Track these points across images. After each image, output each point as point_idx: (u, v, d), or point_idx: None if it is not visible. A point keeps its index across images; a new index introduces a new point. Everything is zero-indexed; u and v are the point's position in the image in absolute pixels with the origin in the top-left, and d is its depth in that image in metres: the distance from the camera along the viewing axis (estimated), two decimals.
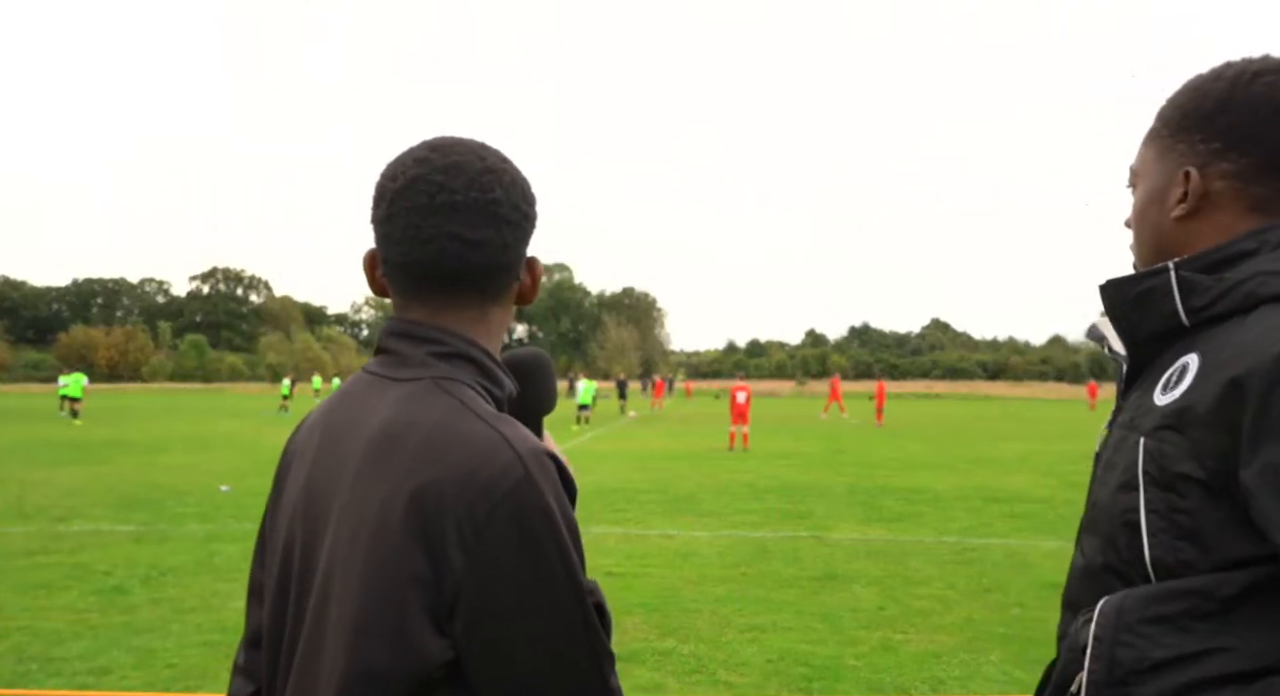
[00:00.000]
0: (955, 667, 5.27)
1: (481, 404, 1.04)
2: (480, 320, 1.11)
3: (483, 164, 1.08)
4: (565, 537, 0.97)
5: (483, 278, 1.09)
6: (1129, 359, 1.15)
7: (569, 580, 0.97)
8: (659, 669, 5.18)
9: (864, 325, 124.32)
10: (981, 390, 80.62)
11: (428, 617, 0.94)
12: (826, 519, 10.52)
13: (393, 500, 0.96)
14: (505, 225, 1.08)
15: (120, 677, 4.97)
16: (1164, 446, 1.00)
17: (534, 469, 0.97)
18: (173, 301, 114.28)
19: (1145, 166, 1.18)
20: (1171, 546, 0.98)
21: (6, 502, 11.26)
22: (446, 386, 1.04)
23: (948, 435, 26.13)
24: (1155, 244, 1.16)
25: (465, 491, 0.95)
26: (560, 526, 0.97)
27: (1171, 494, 0.98)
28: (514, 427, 1.01)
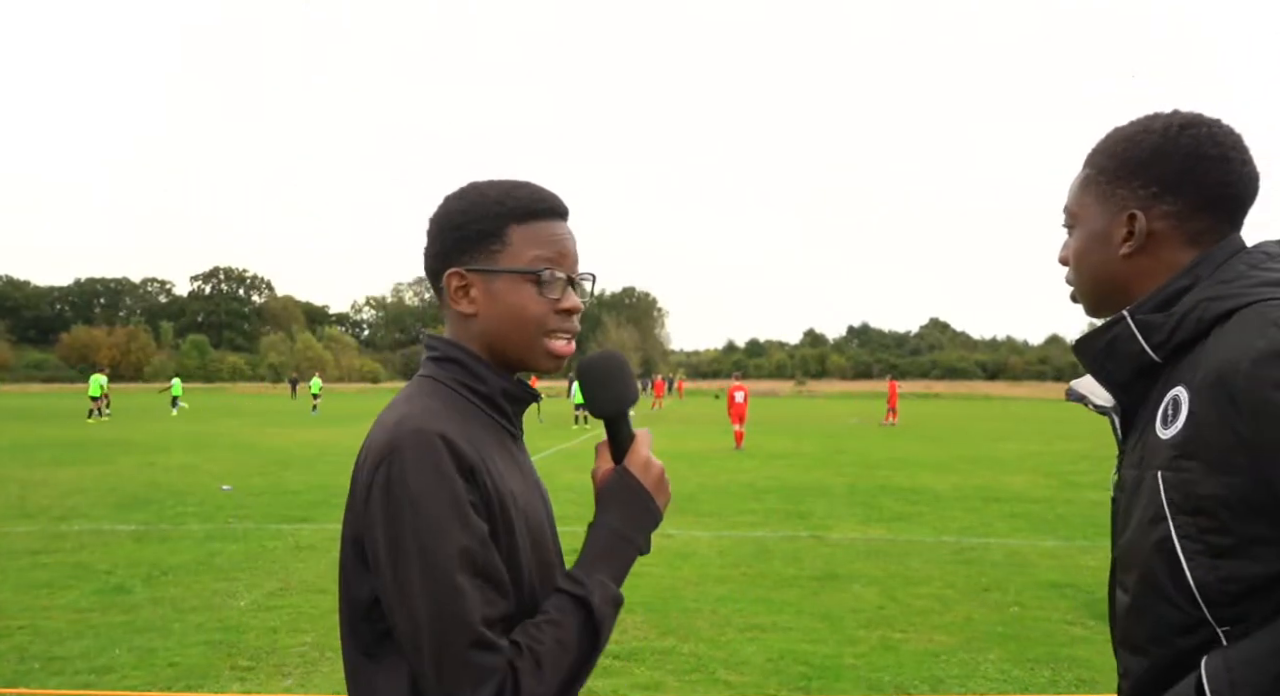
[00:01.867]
0: (954, 666, 5.29)
1: (424, 396, 1.24)
2: (458, 325, 1.31)
3: (446, 195, 1.35)
4: (420, 502, 1.12)
5: (431, 284, 1.35)
6: (1120, 403, 1.26)
7: (415, 541, 1.12)
8: (659, 668, 5.19)
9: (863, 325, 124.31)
10: (980, 390, 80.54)
11: (359, 575, 1.20)
12: (826, 519, 10.53)
13: (353, 481, 1.22)
14: (426, 240, 1.33)
15: (121, 677, 4.98)
16: (1182, 474, 1.08)
17: (405, 445, 1.14)
18: (175, 301, 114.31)
19: (1084, 210, 1.30)
20: (1211, 566, 1.05)
21: (8, 502, 11.28)
22: (417, 384, 1.29)
23: (947, 435, 26.12)
24: (1103, 279, 1.28)
25: (368, 465, 1.18)
26: (419, 496, 1.13)
27: (1200, 517, 1.06)
28: (418, 411, 1.19)
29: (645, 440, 1.35)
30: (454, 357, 1.29)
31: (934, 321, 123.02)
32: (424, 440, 1.14)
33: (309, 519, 10.16)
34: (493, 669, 1.10)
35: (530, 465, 1.38)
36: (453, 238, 1.30)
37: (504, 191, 1.30)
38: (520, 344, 1.30)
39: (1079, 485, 13.95)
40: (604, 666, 5.18)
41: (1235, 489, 1.03)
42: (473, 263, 1.28)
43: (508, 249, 1.28)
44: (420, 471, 1.13)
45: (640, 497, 1.31)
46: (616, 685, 4.89)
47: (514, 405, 1.34)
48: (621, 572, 1.27)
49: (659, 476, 1.34)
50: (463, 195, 1.33)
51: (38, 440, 21.15)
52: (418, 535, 1.12)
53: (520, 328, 1.28)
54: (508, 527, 1.21)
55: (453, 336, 1.32)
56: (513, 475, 1.27)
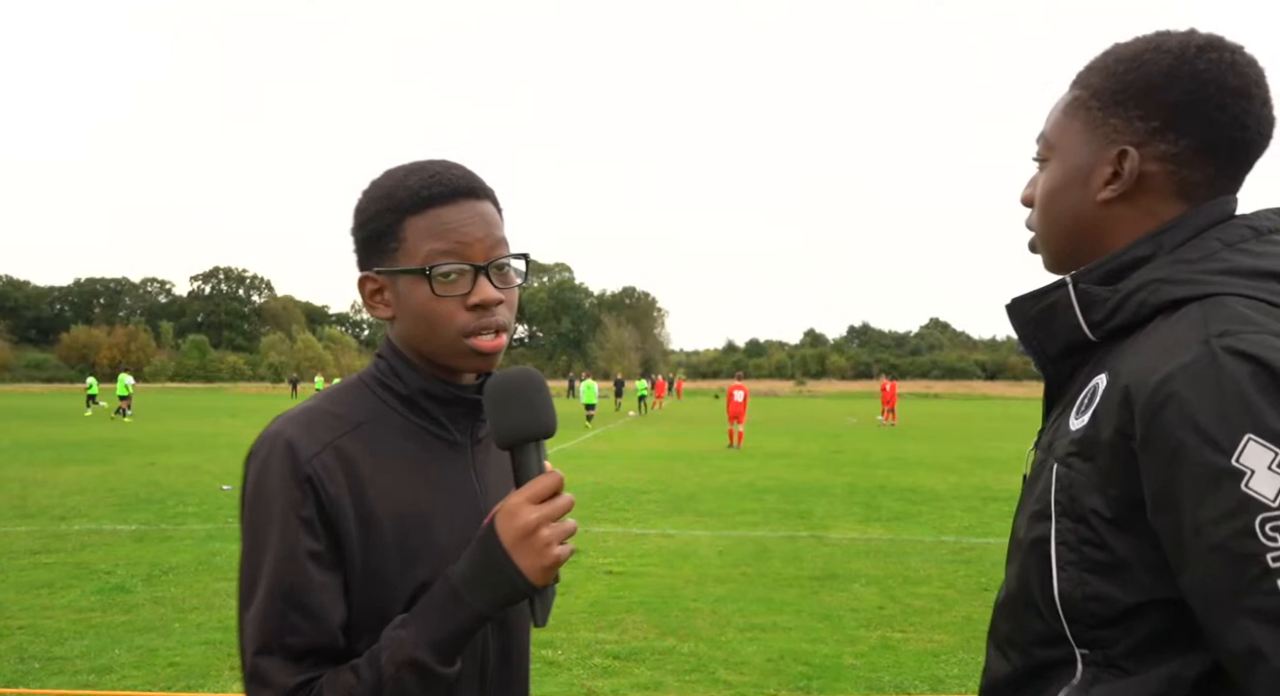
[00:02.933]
0: (954, 666, 5.29)
1: (321, 397, 1.20)
2: (391, 325, 1.23)
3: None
4: (248, 514, 1.10)
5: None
6: (1046, 377, 1.09)
7: (249, 544, 1.10)
8: (659, 668, 5.19)
9: (863, 325, 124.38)
10: (980, 389, 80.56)
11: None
12: (826, 518, 10.53)
13: None
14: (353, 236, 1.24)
15: (122, 677, 4.98)
16: (1073, 474, 0.95)
17: (257, 448, 1.12)
18: (175, 301, 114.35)
19: (1065, 140, 1.07)
20: (1080, 580, 0.94)
21: (9, 502, 11.28)
22: (343, 381, 1.25)
23: (947, 435, 26.12)
24: (1071, 226, 1.06)
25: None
26: (250, 503, 1.10)
27: (1080, 525, 0.94)
28: (295, 413, 1.15)
29: (533, 487, 1.07)
30: (382, 355, 1.24)
31: (934, 321, 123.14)
32: (271, 444, 1.11)
33: None
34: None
35: (472, 477, 1.21)
36: (357, 240, 1.21)
37: (396, 181, 1.18)
38: (437, 346, 1.16)
39: None
40: (604, 666, 5.18)
41: (1115, 506, 0.91)
42: (379, 264, 1.18)
43: (403, 246, 1.15)
44: (259, 476, 1.10)
45: (494, 555, 1.05)
46: (616, 685, 4.89)
47: (444, 407, 1.20)
48: (442, 634, 1.04)
49: (525, 530, 1.04)
50: (366, 191, 1.22)
51: (38, 440, 21.15)
52: (243, 542, 1.11)
53: (431, 329, 1.15)
54: (372, 547, 1.10)
55: (393, 334, 1.24)
56: (422, 488, 1.15)
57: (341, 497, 1.09)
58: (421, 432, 1.19)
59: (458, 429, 1.22)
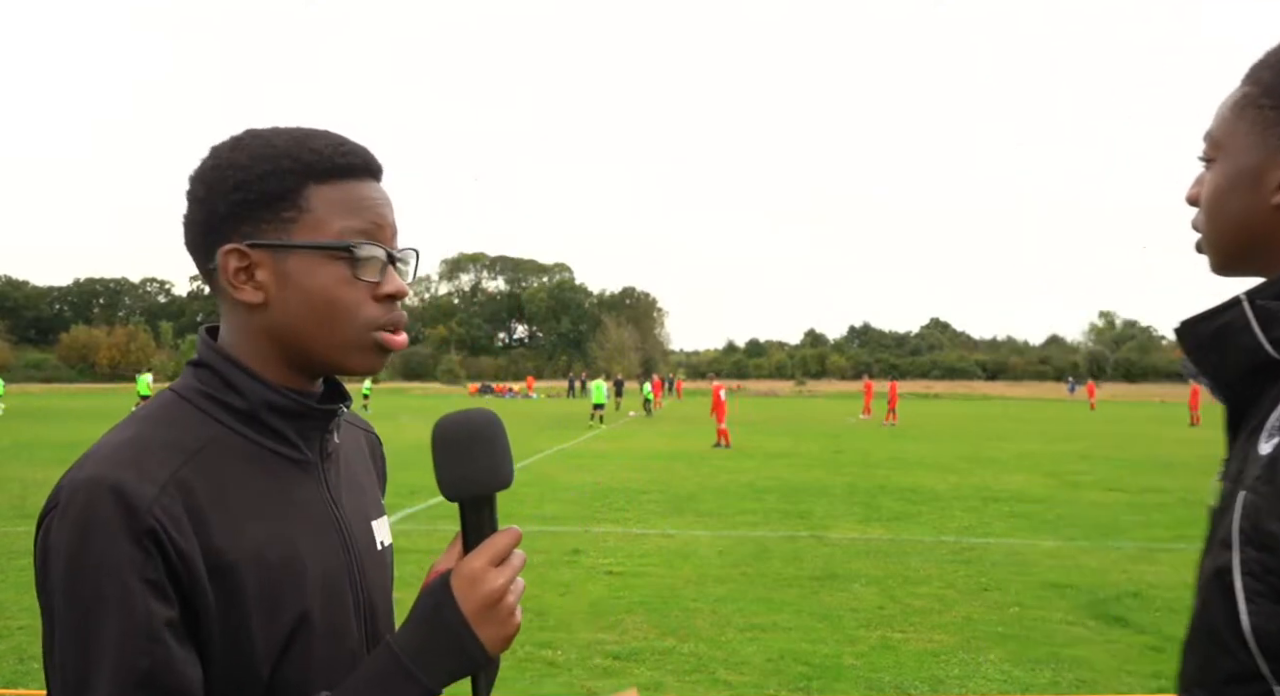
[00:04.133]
0: (954, 666, 5.29)
1: (137, 423, 0.98)
2: (236, 317, 1.02)
3: (213, 147, 1.03)
4: (86, 580, 0.88)
5: (197, 260, 1.04)
6: (1226, 402, 1.02)
7: (73, 627, 0.88)
8: (659, 668, 5.19)
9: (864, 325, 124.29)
10: (980, 390, 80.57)
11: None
12: (826, 518, 10.53)
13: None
14: (193, 203, 1.01)
15: None
16: (1259, 500, 0.89)
17: (69, 498, 0.90)
18: (174, 301, 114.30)
19: (1234, 140, 0.99)
20: (1273, 612, 0.87)
21: (9, 502, 11.29)
22: (156, 399, 1.02)
23: (947, 435, 26.13)
24: (1242, 230, 0.99)
25: (43, 511, 0.95)
26: (56, 567, 0.91)
27: (1266, 553, 0.87)
28: (110, 451, 0.94)
29: (493, 545, 0.95)
30: (205, 361, 1.00)
31: (934, 321, 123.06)
32: (89, 494, 0.88)
33: None
34: None
35: (328, 499, 1.04)
36: (229, 202, 0.97)
37: (296, 140, 0.99)
38: (329, 340, 0.99)
39: (1079, 485, 13.95)
40: (604, 666, 5.18)
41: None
42: (258, 235, 0.97)
43: (305, 216, 0.97)
44: (78, 538, 0.88)
45: (450, 624, 0.92)
46: (616, 685, 4.89)
47: (293, 422, 1.00)
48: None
49: (488, 598, 0.93)
50: (239, 145, 1.00)
51: (38, 440, 21.15)
52: (60, 626, 0.88)
53: (328, 319, 0.98)
54: (231, 601, 0.91)
55: (225, 332, 1.03)
56: (278, 520, 0.97)
57: (191, 548, 0.89)
58: (265, 454, 0.99)
59: (307, 445, 1.02)
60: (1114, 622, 6.18)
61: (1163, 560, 8.29)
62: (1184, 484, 14.02)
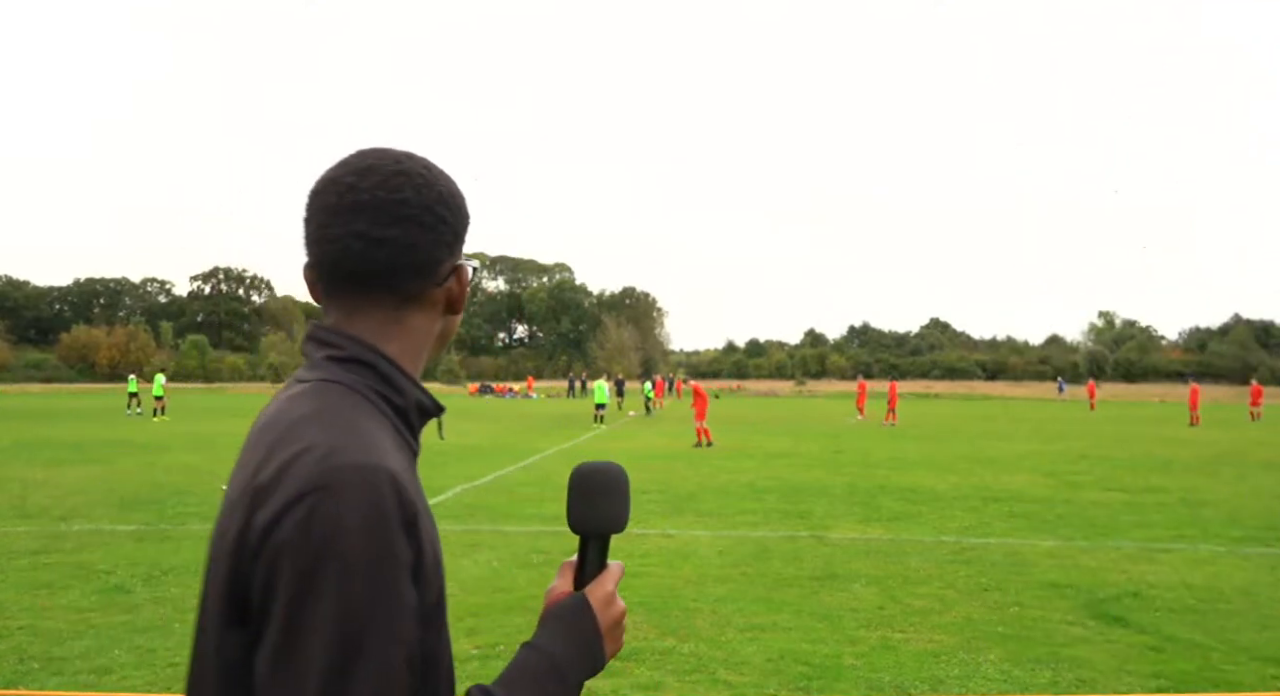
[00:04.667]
0: (954, 666, 5.29)
1: (346, 412, 1.01)
2: (394, 324, 1.09)
3: (397, 167, 1.08)
4: (354, 562, 0.90)
5: (391, 277, 1.07)
6: None
7: (336, 609, 0.89)
8: (659, 668, 5.19)
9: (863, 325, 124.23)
10: (980, 390, 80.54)
11: (228, 624, 0.95)
12: (826, 518, 10.54)
13: (242, 493, 1.00)
14: (414, 226, 1.06)
15: (122, 677, 4.99)
16: None
17: (341, 480, 0.92)
18: (174, 301, 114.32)
19: None
20: None
21: (9, 502, 11.29)
22: (324, 390, 1.04)
23: (947, 435, 26.13)
24: None
25: (272, 494, 0.94)
26: (349, 548, 0.90)
27: None
28: (350, 438, 0.97)
29: (615, 575, 1.13)
30: (364, 360, 1.06)
31: (934, 321, 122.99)
32: (369, 481, 0.92)
33: None
34: None
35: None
36: (465, 225, 1.13)
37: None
38: (438, 349, 1.16)
39: (1078, 485, 13.95)
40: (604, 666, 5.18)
41: None
42: (458, 258, 1.13)
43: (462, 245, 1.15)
44: (361, 523, 0.91)
45: (590, 636, 1.07)
46: (617, 685, 4.89)
47: (423, 419, 1.11)
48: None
49: (617, 619, 1.11)
50: (434, 171, 1.12)
51: (38, 440, 21.16)
52: (342, 603, 0.89)
53: (452, 330, 1.16)
54: (439, 589, 1.00)
55: (382, 336, 1.08)
56: (429, 511, 1.04)
57: (427, 537, 0.97)
58: (409, 450, 1.07)
59: (419, 444, 1.12)
60: (1113, 622, 6.18)
61: (1162, 560, 8.29)
62: (1183, 484, 14.03)
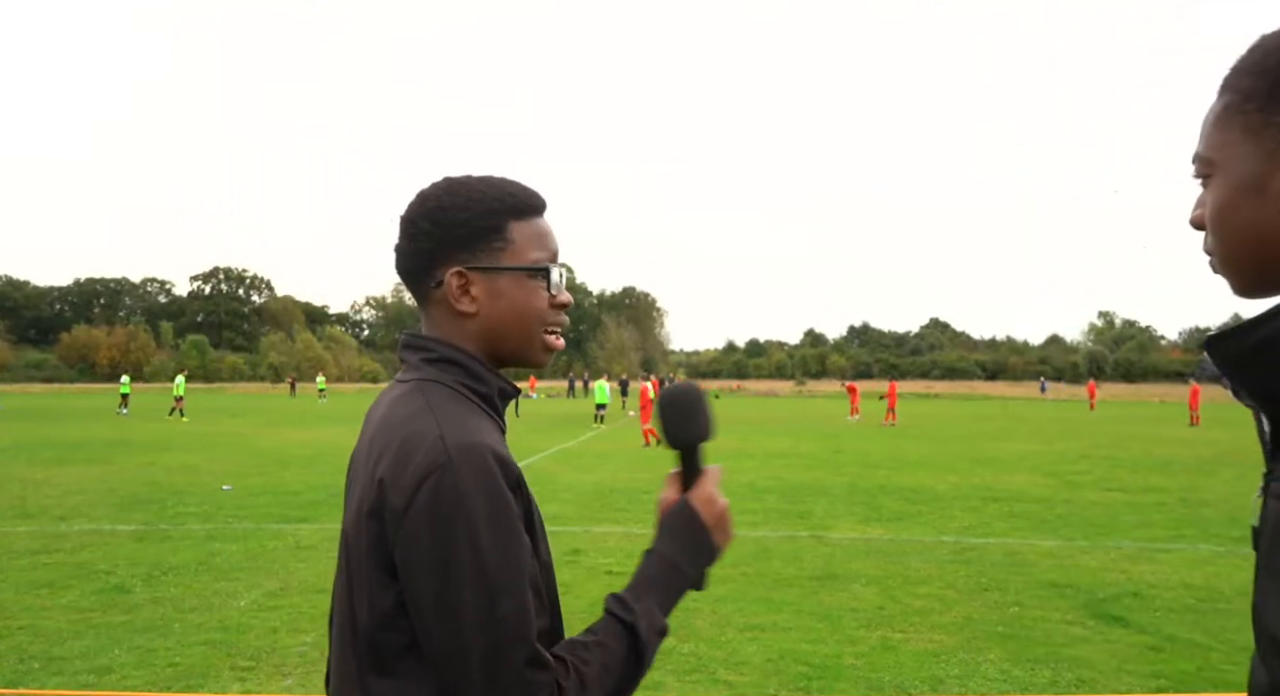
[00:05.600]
0: (954, 666, 5.29)
1: (446, 404, 1.21)
2: (444, 321, 1.30)
3: (422, 193, 1.32)
4: (478, 520, 1.11)
5: (409, 281, 1.33)
6: (1269, 416, 0.95)
7: (473, 558, 1.10)
8: (658, 667, 5.19)
9: (863, 325, 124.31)
10: (980, 389, 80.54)
11: (382, 584, 1.15)
12: (826, 518, 10.54)
13: (369, 482, 1.18)
14: (406, 238, 1.31)
15: (121, 677, 4.99)
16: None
17: (456, 457, 1.12)
18: (174, 301, 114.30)
19: (1227, 151, 0.94)
20: None
21: (9, 502, 11.29)
22: (424, 388, 1.24)
23: (947, 435, 26.13)
24: (1256, 241, 0.93)
25: (402, 475, 1.13)
26: (473, 509, 1.11)
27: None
28: (454, 424, 1.17)
29: (714, 476, 1.34)
30: (452, 358, 1.27)
31: (934, 321, 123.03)
32: (477, 457, 1.14)
33: (309, 519, 10.17)
34: (543, 685, 1.11)
35: None
36: (454, 236, 1.28)
37: (500, 188, 1.31)
38: (520, 340, 1.31)
39: (1078, 485, 13.96)
40: None
41: None
42: (474, 261, 1.28)
43: (511, 246, 1.29)
44: (477, 489, 1.12)
45: (698, 531, 1.30)
46: None
47: (504, 403, 1.33)
48: (670, 602, 1.26)
49: (721, 513, 1.32)
50: (455, 191, 1.30)
51: (38, 440, 21.16)
52: (476, 552, 1.10)
53: (522, 324, 1.30)
54: (541, 537, 1.24)
55: (442, 335, 1.30)
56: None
57: (527, 495, 1.21)
58: (497, 427, 1.29)
59: (504, 423, 1.34)
60: (1113, 622, 6.18)
61: (1162, 560, 8.29)
62: (1183, 484, 14.04)
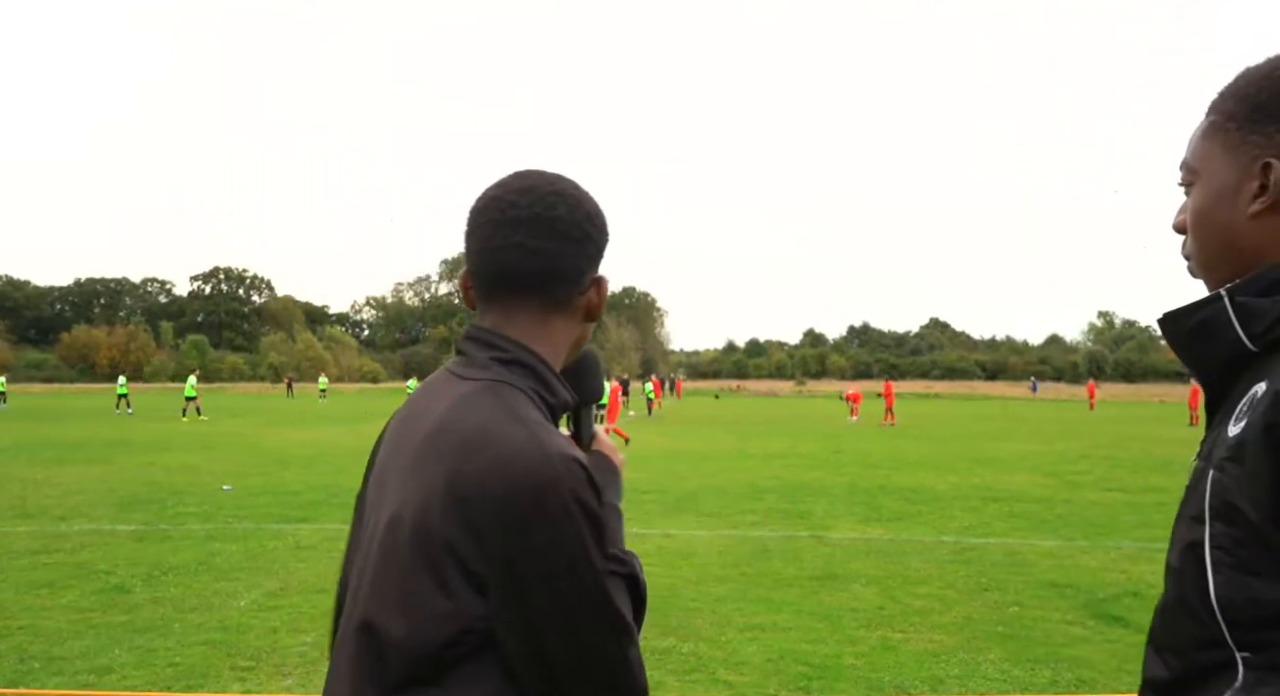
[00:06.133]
0: (954, 666, 5.29)
1: (529, 409, 1.15)
2: (542, 326, 1.24)
3: (551, 188, 1.24)
4: (584, 527, 1.08)
5: (541, 284, 1.22)
6: (1206, 389, 1.10)
7: (586, 562, 1.08)
8: (659, 667, 5.19)
9: (863, 325, 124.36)
10: (980, 389, 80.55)
11: (451, 595, 1.07)
12: (826, 518, 10.53)
13: (433, 486, 1.10)
14: (564, 240, 1.22)
15: (121, 677, 4.99)
16: (1226, 479, 0.97)
17: (562, 471, 1.07)
18: (175, 301, 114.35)
19: (1207, 163, 1.09)
20: (1240, 583, 0.94)
21: (9, 502, 11.29)
22: (499, 390, 1.16)
23: (947, 435, 26.12)
24: (1227, 244, 1.08)
25: (500, 483, 1.06)
26: (579, 516, 1.07)
27: (1235, 528, 0.95)
28: (551, 435, 1.11)
29: (602, 433, 1.42)
30: (528, 363, 1.20)
31: (934, 321, 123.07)
32: (581, 471, 1.09)
33: (309, 519, 10.17)
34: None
35: None
36: (598, 246, 1.28)
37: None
38: (573, 354, 1.32)
39: (1078, 485, 13.96)
40: None
41: (1266, 508, 0.92)
42: (598, 270, 1.29)
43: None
44: (570, 500, 1.07)
45: (615, 474, 1.37)
46: None
47: (563, 412, 1.30)
48: (620, 541, 1.30)
49: (622, 461, 1.41)
50: (582, 199, 1.27)
51: (39, 440, 21.16)
52: (586, 566, 1.08)
53: (586, 338, 1.33)
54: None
55: (523, 338, 1.22)
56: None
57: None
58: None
59: None
60: (1113, 622, 6.18)
61: (1162, 560, 8.20)
62: (1183, 483, 13.91)
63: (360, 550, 1.22)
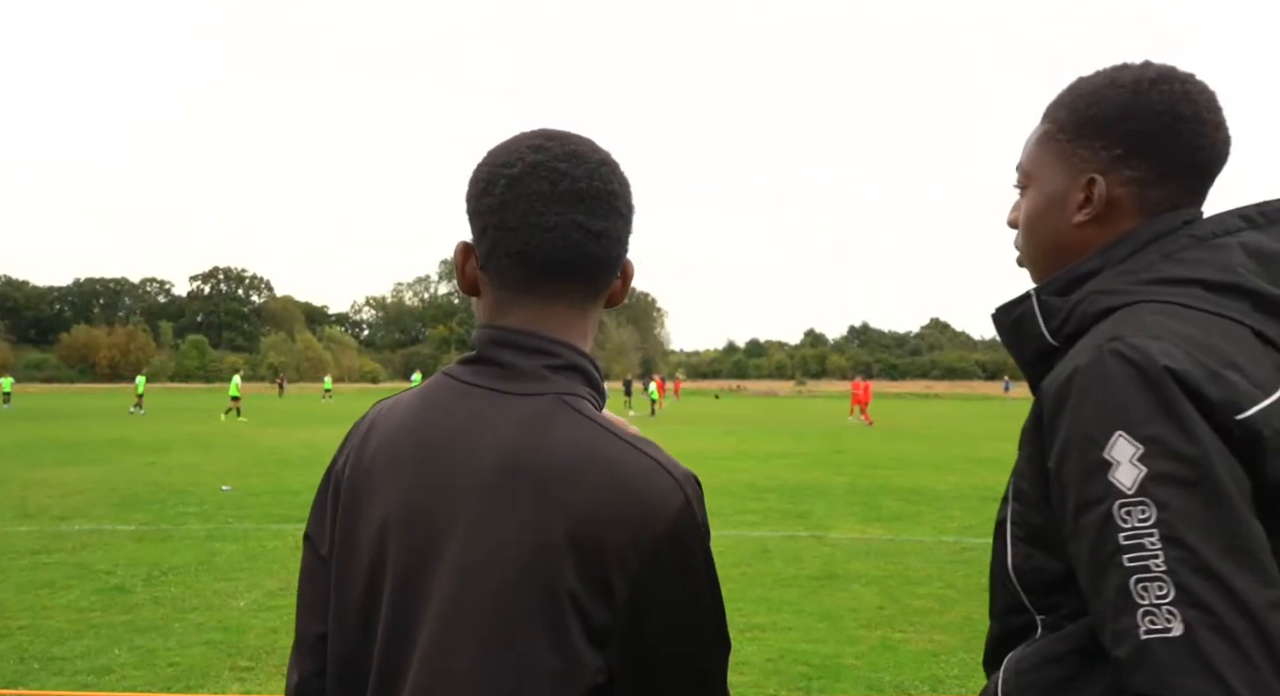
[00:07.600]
0: (954, 666, 5.29)
1: (617, 423, 1.02)
2: (580, 320, 1.06)
3: (597, 156, 1.07)
4: (711, 557, 1.00)
5: (594, 271, 1.04)
6: (1028, 380, 1.18)
7: (715, 599, 1.01)
8: None
9: (863, 325, 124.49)
10: (980, 389, 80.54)
11: (568, 653, 0.92)
12: (826, 518, 10.53)
13: (540, 528, 0.93)
14: (620, 219, 1.06)
15: (121, 677, 4.98)
16: (1019, 462, 1.07)
17: (690, 494, 0.96)
18: (174, 301, 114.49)
19: (1040, 170, 1.18)
20: (1027, 553, 1.06)
21: (9, 502, 11.28)
22: (574, 404, 1.00)
23: (947, 435, 26.12)
24: (1053, 247, 1.18)
25: (627, 519, 0.93)
26: (709, 547, 0.99)
27: (1020, 504, 1.07)
28: (660, 450, 0.99)
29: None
30: (581, 367, 1.04)
31: (934, 321, 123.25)
32: (698, 493, 0.99)
33: None
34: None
35: None
36: (629, 224, 1.10)
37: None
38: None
39: None
40: None
41: (1039, 488, 1.02)
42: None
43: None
44: (707, 529, 1.00)
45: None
46: None
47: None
48: None
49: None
50: (618, 169, 1.10)
51: (39, 440, 21.15)
52: (711, 599, 1.00)
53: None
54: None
55: (563, 336, 1.04)
56: None
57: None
58: None
59: None
60: None
61: None
62: None
63: (381, 603, 1.00)
